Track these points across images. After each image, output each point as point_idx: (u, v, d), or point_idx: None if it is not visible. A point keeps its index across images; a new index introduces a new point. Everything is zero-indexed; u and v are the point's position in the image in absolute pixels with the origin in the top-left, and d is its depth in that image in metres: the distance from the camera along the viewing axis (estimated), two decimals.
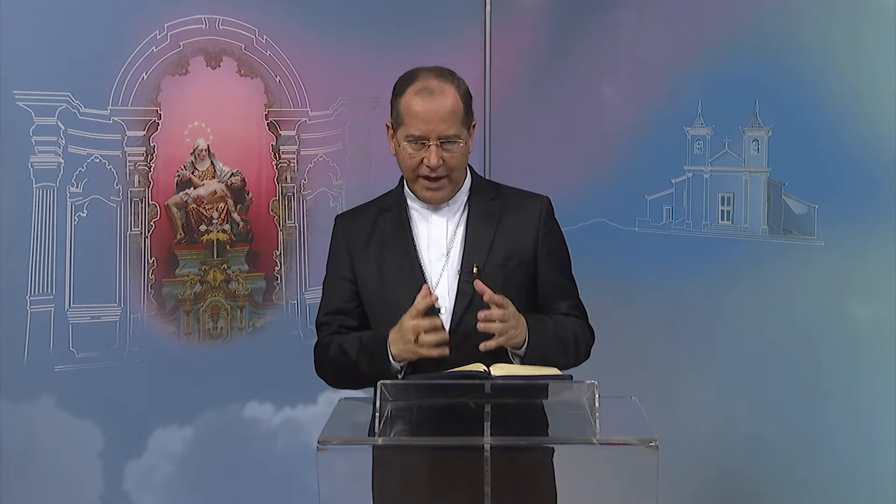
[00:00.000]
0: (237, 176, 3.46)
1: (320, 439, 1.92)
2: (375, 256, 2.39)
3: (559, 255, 2.42)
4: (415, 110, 2.28)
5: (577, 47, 3.71)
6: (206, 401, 3.40)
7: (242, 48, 3.44)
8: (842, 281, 3.08)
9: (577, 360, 2.38)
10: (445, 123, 2.27)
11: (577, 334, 2.36)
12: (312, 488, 1.91)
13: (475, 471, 1.93)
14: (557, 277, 2.40)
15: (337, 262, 2.45)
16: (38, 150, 3.10)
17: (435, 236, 2.37)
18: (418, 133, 2.28)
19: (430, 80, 2.31)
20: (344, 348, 2.34)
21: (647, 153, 3.53)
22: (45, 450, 3.13)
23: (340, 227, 2.46)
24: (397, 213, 2.40)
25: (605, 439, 1.96)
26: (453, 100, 2.29)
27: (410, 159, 2.31)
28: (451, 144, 2.29)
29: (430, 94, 2.28)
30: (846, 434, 3.07)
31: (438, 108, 2.27)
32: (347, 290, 2.41)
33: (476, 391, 2.06)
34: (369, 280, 2.39)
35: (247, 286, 3.49)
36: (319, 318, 2.45)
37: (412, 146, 2.30)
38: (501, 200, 2.41)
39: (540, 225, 2.39)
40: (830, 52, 3.07)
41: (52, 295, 3.13)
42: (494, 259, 2.33)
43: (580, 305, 2.43)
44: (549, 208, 2.43)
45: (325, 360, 2.39)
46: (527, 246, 2.37)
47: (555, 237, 2.42)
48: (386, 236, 2.39)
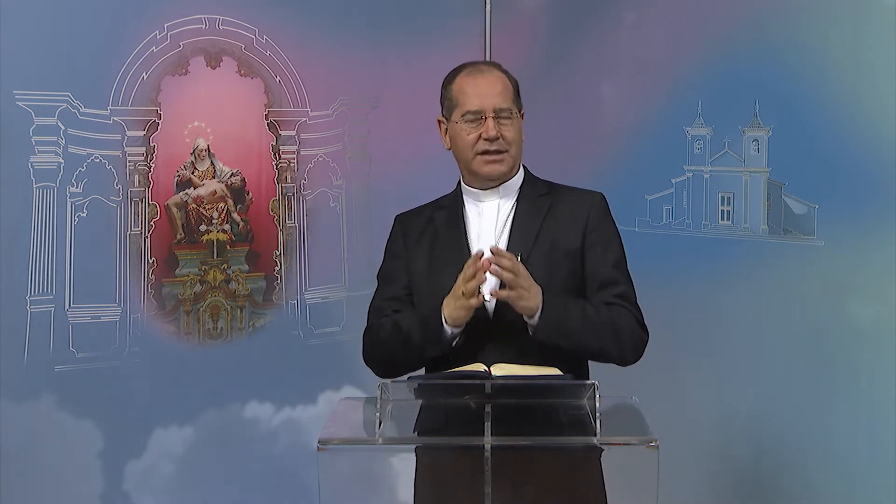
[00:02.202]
0: (237, 176, 3.46)
1: (320, 439, 1.92)
2: (428, 247, 2.43)
3: (608, 248, 2.39)
4: (468, 88, 2.37)
5: (577, 47, 3.71)
6: (206, 401, 3.40)
7: (242, 48, 3.44)
8: (842, 281, 3.08)
9: (622, 351, 2.31)
10: (500, 97, 2.36)
11: (616, 321, 2.30)
12: (312, 488, 1.91)
13: (507, 470, 1.95)
14: (603, 268, 2.37)
15: (393, 254, 2.48)
16: (38, 150, 3.10)
17: (486, 225, 2.40)
18: (474, 108, 2.35)
19: (478, 64, 2.44)
20: (398, 323, 2.35)
21: (647, 153, 3.53)
22: (45, 450, 3.13)
23: (399, 223, 2.51)
24: (453, 208, 2.45)
25: (605, 439, 1.96)
26: (502, 79, 2.40)
27: (468, 136, 2.36)
28: (506, 119, 2.35)
29: (481, 73, 2.39)
30: (846, 434, 3.07)
31: (491, 84, 2.37)
32: (402, 279, 2.44)
33: (476, 391, 2.06)
34: (419, 268, 2.42)
35: (247, 286, 3.49)
36: (374, 303, 2.46)
37: (470, 124, 2.35)
38: (553, 195, 2.43)
39: (589, 218, 2.39)
40: (830, 52, 3.07)
41: (52, 295, 3.13)
42: (540, 248, 2.34)
43: (627, 296, 2.37)
44: (601, 203, 2.42)
45: (378, 340, 2.39)
46: (574, 237, 2.37)
47: (604, 231, 2.40)
48: (439, 229, 2.43)
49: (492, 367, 2.18)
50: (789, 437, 3.19)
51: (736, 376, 3.31)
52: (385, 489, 2.98)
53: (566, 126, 3.69)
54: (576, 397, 2.04)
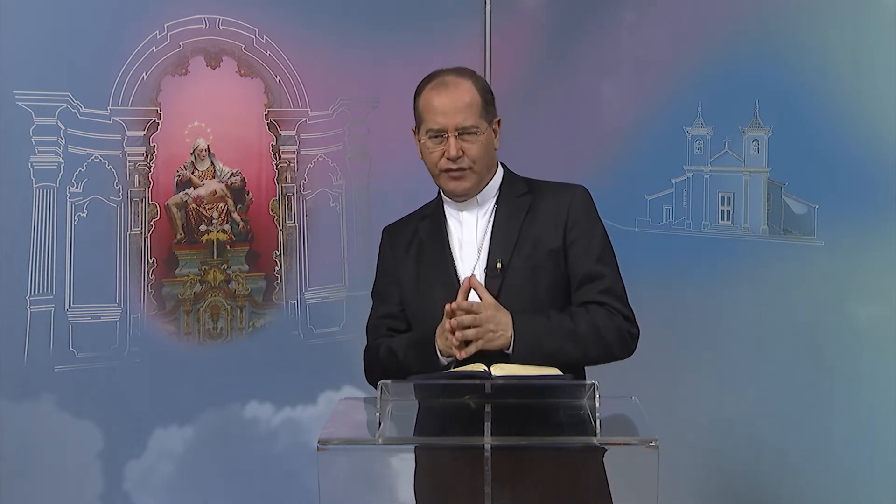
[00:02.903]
0: (237, 176, 3.46)
1: (320, 439, 1.92)
2: (414, 260, 2.42)
3: (591, 243, 2.35)
4: (432, 104, 2.33)
5: (577, 47, 3.71)
6: (206, 401, 3.40)
7: (242, 48, 3.44)
8: (842, 281, 3.08)
9: (608, 352, 2.30)
10: (462, 114, 2.30)
11: (596, 324, 2.28)
12: (312, 488, 1.91)
13: (508, 471, 1.95)
14: (586, 265, 2.33)
15: (384, 269, 2.48)
16: (38, 150, 3.10)
17: (467, 235, 2.38)
18: (437, 126, 2.31)
19: (446, 76, 2.36)
20: (393, 349, 2.35)
21: (647, 153, 3.53)
22: (45, 450, 3.13)
23: (387, 235, 2.50)
24: (435, 217, 2.43)
25: (605, 439, 1.96)
26: (469, 92, 2.33)
27: (431, 154, 2.34)
28: (470, 136, 2.31)
29: (446, 87, 2.33)
30: (846, 434, 3.07)
31: (454, 100, 2.31)
32: (395, 295, 2.43)
33: (476, 391, 2.06)
34: (408, 282, 2.41)
35: (247, 286, 3.49)
36: (370, 322, 2.47)
37: (433, 141, 2.33)
38: (533, 194, 2.40)
39: (570, 213, 2.35)
40: (830, 52, 3.07)
41: (52, 295, 3.13)
42: (521, 251, 2.33)
43: (612, 290, 2.33)
44: (582, 197, 2.38)
45: (375, 363, 2.39)
46: (556, 236, 2.34)
47: (586, 225, 2.36)
48: (424, 240, 2.42)
49: (492, 367, 2.18)
50: (789, 437, 3.19)
51: (736, 376, 3.31)
52: (385, 489, 2.97)
53: (566, 126, 3.69)
54: (576, 397, 2.03)
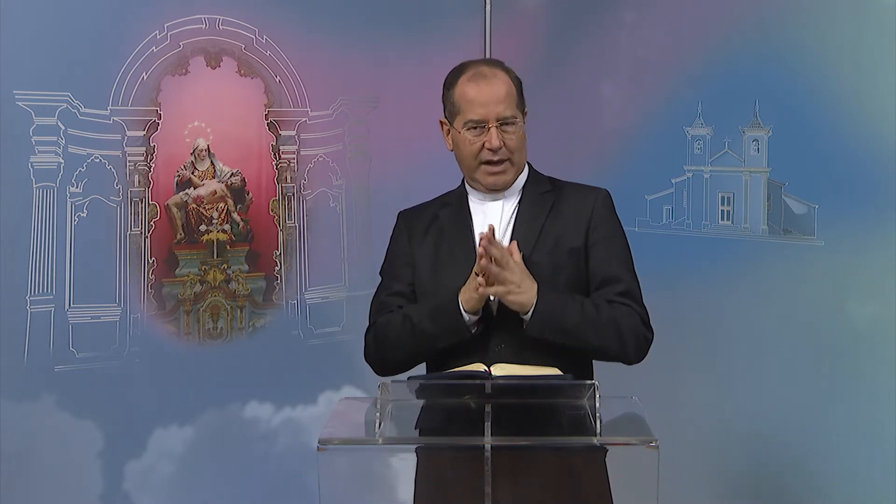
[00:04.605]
0: (237, 176, 3.46)
1: (320, 439, 1.92)
2: (433, 245, 2.41)
3: (611, 245, 2.37)
4: (470, 96, 2.32)
5: (577, 47, 3.71)
6: (206, 401, 3.40)
7: (242, 48, 3.44)
8: (842, 281, 3.08)
9: (624, 348, 2.29)
10: (502, 105, 2.31)
11: (617, 319, 2.28)
12: (312, 488, 1.91)
13: (507, 471, 1.95)
14: (607, 268, 2.34)
15: (397, 250, 2.46)
16: (38, 150, 3.10)
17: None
18: (477, 117, 2.31)
19: (480, 67, 2.37)
20: (409, 315, 2.32)
21: (647, 153, 3.53)
22: (45, 450, 3.13)
23: (402, 219, 2.49)
24: (457, 206, 2.43)
25: (605, 439, 1.96)
26: (506, 83, 2.34)
27: (472, 145, 2.33)
28: (510, 126, 2.32)
29: (484, 78, 2.33)
30: (846, 434, 3.07)
31: (494, 91, 2.32)
32: (408, 275, 2.42)
33: (476, 391, 2.06)
34: (424, 266, 2.40)
35: (247, 286, 3.49)
36: (377, 299, 2.43)
37: (472, 133, 2.32)
38: (556, 192, 2.41)
39: (593, 215, 2.37)
40: (830, 52, 3.07)
41: (52, 295, 3.13)
42: (543, 246, 2.33)
43: (631, 294, 2.33)
44: (605, 200, 2.41)
45: (384, 334, 2.36)
46: (577, 235, 2.35)
47: (608, 228, 2.38)
48: (444, 227, 2.42)
49: (492, 367, 2.18)
50: (789, 437, 3.19)
51: (736, 376, 3.31)
52: (385, 489, 2.97)
53: (566, 126, 3.69)
54: (576, 397, 2.03)
